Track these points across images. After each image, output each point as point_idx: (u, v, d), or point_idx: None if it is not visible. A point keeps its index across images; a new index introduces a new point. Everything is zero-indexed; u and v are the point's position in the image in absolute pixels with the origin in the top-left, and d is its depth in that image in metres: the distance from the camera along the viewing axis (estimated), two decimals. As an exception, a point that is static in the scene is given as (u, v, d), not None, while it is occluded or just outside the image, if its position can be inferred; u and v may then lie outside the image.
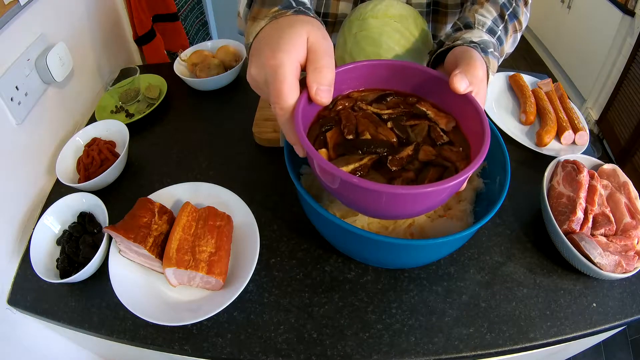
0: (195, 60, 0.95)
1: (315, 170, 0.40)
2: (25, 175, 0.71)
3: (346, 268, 0.61)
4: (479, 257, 0.63)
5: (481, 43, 0.47)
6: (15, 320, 0.64)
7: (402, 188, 0.35)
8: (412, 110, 0.46)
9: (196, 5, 1.48)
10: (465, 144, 0.43)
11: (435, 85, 0.45)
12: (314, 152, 0.36)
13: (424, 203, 0.39)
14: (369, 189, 0.34)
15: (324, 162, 0.35)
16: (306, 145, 0.36)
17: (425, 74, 0.46)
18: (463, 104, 0.43)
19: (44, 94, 0.75)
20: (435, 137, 0.43)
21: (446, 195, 0.40)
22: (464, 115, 0.44)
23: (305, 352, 0.53)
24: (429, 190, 0.35)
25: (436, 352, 0.53)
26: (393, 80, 0.47)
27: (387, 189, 0.35)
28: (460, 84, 0.41)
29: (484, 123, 0.40)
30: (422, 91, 0.47)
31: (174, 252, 0.54)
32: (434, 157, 0.41)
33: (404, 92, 0.48)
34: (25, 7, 0.68)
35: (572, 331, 0.55)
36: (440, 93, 0.45)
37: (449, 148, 0.43)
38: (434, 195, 0.38)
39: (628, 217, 0.61)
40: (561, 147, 0.79)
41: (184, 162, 0.79)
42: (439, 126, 0.44)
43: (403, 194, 0.36)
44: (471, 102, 0.42)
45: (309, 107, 0.40)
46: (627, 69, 1.82)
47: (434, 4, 0.73)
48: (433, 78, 0.45)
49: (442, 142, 0.43)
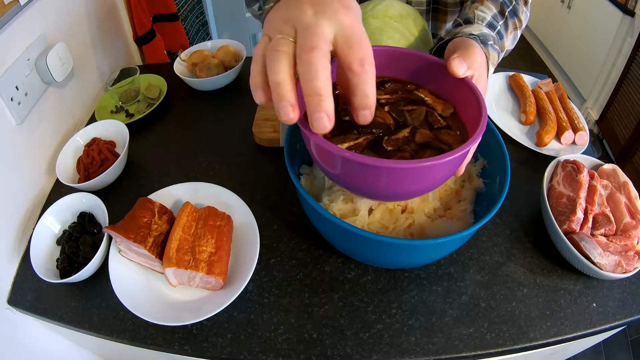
0: (195, 60, 0.95)
1: (312, 150, 0.40)
2: (25, 175, 0.71)
3: (346, 268, 0.61)
4: (479, 257, 0.63)
5: (480, 35, 0.47)
6: (15, 320, 0.64)
7: (399, 162, 0.34)
8: (410, 97, 0.46)
9: (196, 5, 1.48)
10: (463, 129, 0.43)
11: (434, 71, 0.45)
12: (310, 132, 0.35)
13: (422, 180, 0.39)
14: (362, 163, 0.34)
15: (320, 140, 0.35)
16: (302, 124, 0.36)
17: (424, 60, 0.46)
18: (462, 89, 0.43)
19: (44, 94, 0.75)
20: (433, 122, 0.43)
21: (444, 174, 0.40)
22: (462, 102, 0.44)
23: (305, 352, 0.53)
24: (426, 165, 0.34)
25: (436, 352, 0.53)
26: (392, 66, 0.47)
27: (382, 163, 0.34)
28: (459, 67, 0.40)
29: (481, 105, 0.39)
30: (421, 78, 0.47)
31: (174, 252, 0.54)
32: (431, 140, 0.41)
33: (403, 79, 0.48)
34: (25, 7, 0.68)
35: (572, 331, 0.55)
36: (439, 79, 0.45)
37: (446, 132, 0.42)
38: (432, 172, 0.37)
39: (628, 217, 0.61)
40: (561, 147, 0.79)
41: (184, 162, 0.79)
42: (437, 112, 0.44)
43: (400, 169, 0.35)
44: (470, 88, 0.41)
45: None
46: (627, 69, 1.82)
47: (434, 2, 0.73)
48: (432, 64, 0.45)
49: (440, 126, 0.43)
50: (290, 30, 0.33)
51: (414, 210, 0.56)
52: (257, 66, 0.34)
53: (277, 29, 0.33)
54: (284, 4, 0.35)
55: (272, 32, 0.34)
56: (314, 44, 0.31)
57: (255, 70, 0.34)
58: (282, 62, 0.32)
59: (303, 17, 0.32)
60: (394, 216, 0.55)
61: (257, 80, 0.34)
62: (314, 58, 0.30)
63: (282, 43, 0.32)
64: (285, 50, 0.32)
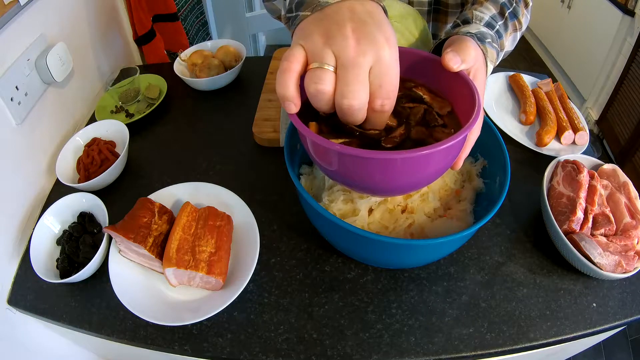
0: (195, 60, 0.95)
1: (308, 148, 0.40)
2: (25, 175, 0.71)
3: (346, 268, 0.61)
4: (479, 257, 0.63)
5: (478, 33, 0.48)
6: (15, 320, 0.64)
7: (391, 153, 0.34)
8: (410, 94, 0.46)
9: (196, 5, 1.47)
10: (458, 127, 0.43)
11: (432, 68, 0.45)
12: (306, 130, 0.36)
13: (416, 172, 0.39)
14: (354, 155, 0.34)
15: (314, 136, 0.35)
16: (297, 124, 0.36)
17: (421, 58, 0.46)
18: (457, 84, 0.42)
19: (44, 94, 0.75)
20: (430, 120, 0.43)
21: (439, 165, 0.40)
22: (458, 98, 0.44)
23: (305, 352, 0.53)
24: (418, 155, 0.34)
25: (436, 352, 0.53)
26: None
27: (374, 155, 0.34)
28: (453, 60, 0.40)
29: (474, 95, 0.39)
30: (419, 75, 0.47)
31: (174, 252, 0.54)
32: (425, 137, 0.41)
33: (401, 76, 0.48)
34: (25, 7, 0.68)
35: (572, 331, 0.55)
36: (436, 76, 0.45)
37: (441, 129, 0.43)
38: (425, 162, 0.37)
39: (628, 217, 0.61)
40: (561, 147, 0.79)
41: (184, 162, 0.79)
42: (434, 110, 0.45)
43: (392, 160, 0.35)
44: (465, 81, 0.41)
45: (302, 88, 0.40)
46: (627, 69, 1.82)
47: (435, 2, 0.73)
48: (429, 61, 0.45)
49: (436, 125, 0.43)
50: (331, 59, 0.33)
51: (414, 210, 0.56)
52: (292, 79, 0.34)
53: (317, 51, 0.34)
54: (323, 17, 0.35)
55: (311, 52, 0.34)
56: (357, 78, 0.33)
57: (289, 82, 0.34)
58: (324, 100, 0.34)
59: (346, 47, 0.33)
60: (394, 216, 0.55)
61: (292, 92, 0.35)
62: (356, 89, 0.33)
63: (325, 78, 0.33)
64: (327, 90, 0.34)
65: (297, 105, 0.35)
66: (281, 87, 0.34)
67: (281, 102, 0.36)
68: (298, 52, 0.34)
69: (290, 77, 0.34)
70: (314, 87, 0.33)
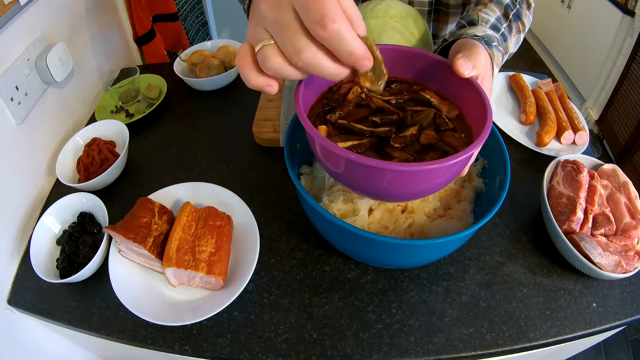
0: (195, 60, 0.95)
1: (316, 150, 0.40)
2: (25, 175, 0.71)
3: (346, 268, 0.61)
4: (479, 257, 0.63)
5: (485, 37, 0.47)
6: (15, 320, 0.64)
7: (403, 165, 0.34)
8: (418, 98, 0.46)
9: (196, 5, 1.47)
10: (467, 131, 0.43)
11: (440, 71, 0.45)
12: (313, 129, 0.36)
13: (424, 183, 0.39)
14: (366, 165, 0.34)
15: (325, 141, 0.35)
16: (304, 121, 0.37)
17: (430, 60, 0.46)
18: (467, 90, 0.43)
19: (44, 94, 0.75)
20: (440, 124, 0.43)
21: (447, 176, 0.40)
22: (467, 103, 0.44)
23: (305, 352, 0.53)
24: (429, 168, 0.35)
25: (436, 352, 0.53)
26: (397, 66, 0.47)
27: (386, 166, 0.34)
28: (464, 66, 0.40)
29: (486, 107, 0.39)
30: (426, 78, 0.47)
31: (174, 252, 0.54)
32: (436, 141, 0.41)
33: (408, 79, 0.48)
34: (25, 7, 0.68)
35: (572, 331, 0.55)
36: (444, 80, 0.45)
37: (451, 134, 0.43)
38: (435, 174, 0.38)
39: (628, 217, 0.61)
40: (561, 147, 0.79)
41: (184, 162, 0.79)
42: (443, 113, 0.45)
43: (403, 172, 0.35)
44: (475, 88, 0.41)
45: (310, 89, 0.40)
46: (627, 69, 1.82)
47: (436, 3, 0.73)
48: (438, 64, 0.45)
49: (446, 129, 0.43)
50: (264, 34, 0.33)
51: (414, 210, 0.56)
52: (251, 70, 0.34)
53: (253, 36, 0.34)
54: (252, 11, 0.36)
55: (251, 40, 0.35)
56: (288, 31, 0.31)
57: (251, 73, 0.35)
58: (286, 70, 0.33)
59: (265, 15, 0.32)
60: (394, 216, 0.55)
61: (261, 80, 0.35)
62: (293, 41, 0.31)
63: (268, 53, 0.33)
64: (278, 61, 0.33)
65: (275, 86, 0.35)
66: (249, 81, 0.35)
67: (261, 91, 0.36)
68: (243, 47, 0.35)
69: (248, 69, 0.34)
70: (267, 67, 0.33)
